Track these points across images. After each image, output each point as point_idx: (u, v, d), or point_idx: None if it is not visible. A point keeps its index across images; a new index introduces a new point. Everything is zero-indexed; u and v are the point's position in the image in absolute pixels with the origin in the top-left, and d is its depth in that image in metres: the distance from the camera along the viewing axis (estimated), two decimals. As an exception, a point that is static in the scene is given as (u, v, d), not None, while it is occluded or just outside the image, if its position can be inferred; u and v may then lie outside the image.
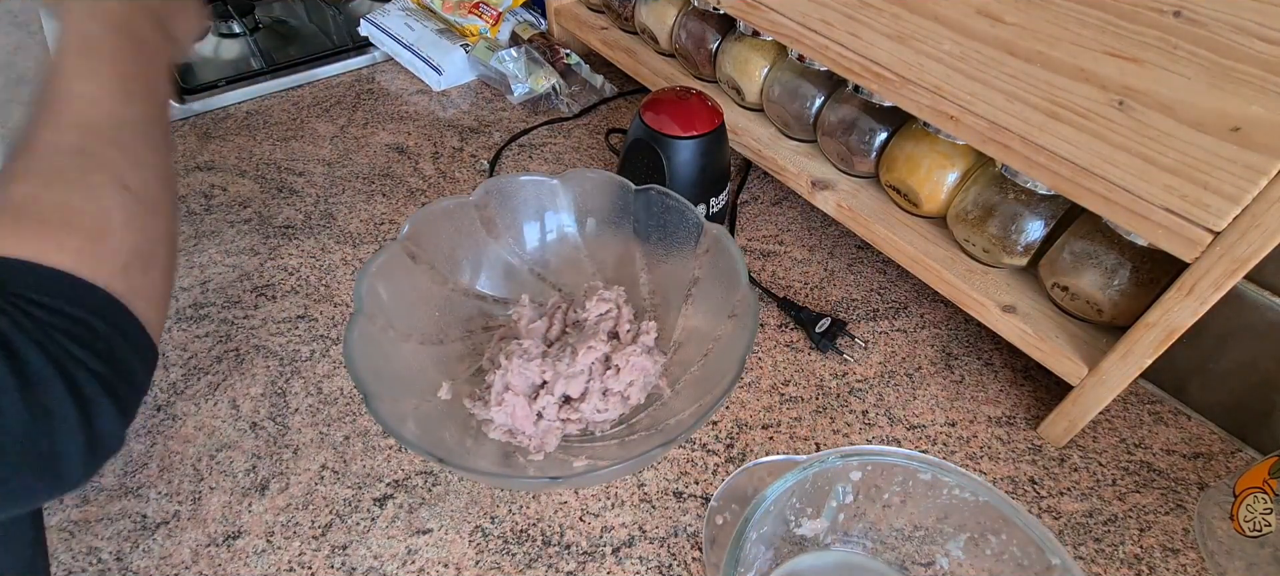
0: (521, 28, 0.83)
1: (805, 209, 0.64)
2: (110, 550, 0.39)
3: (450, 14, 0.83)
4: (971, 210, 0.46)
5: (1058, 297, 0.45)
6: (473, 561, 0.39)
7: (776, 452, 0.45)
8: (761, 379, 0.50)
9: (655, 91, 0.56)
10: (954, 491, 0.33)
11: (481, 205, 0.49)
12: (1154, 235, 0.36)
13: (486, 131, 0.73)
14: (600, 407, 0.43)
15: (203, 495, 0.42)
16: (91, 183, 0.29)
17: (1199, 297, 0.35)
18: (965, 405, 0.48)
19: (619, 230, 0.51)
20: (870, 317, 0.54)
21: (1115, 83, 0.34)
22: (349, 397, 0.47)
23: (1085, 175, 0.37)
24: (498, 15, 0.82)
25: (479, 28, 0.81)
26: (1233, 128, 0.31)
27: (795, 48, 0.53)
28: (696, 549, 0.40)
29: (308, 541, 0.40)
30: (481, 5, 0.82)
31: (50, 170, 0.29)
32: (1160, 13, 0.31)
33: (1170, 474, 0.44)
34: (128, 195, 0.30)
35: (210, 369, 0.49)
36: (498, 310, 0.50)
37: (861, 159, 0.53)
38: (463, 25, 0.82)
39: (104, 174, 0.30)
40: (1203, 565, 0.40)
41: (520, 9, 0.86)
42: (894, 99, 0.46)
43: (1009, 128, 0.40)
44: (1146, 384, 0.50)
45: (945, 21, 0.40)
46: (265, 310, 0.53)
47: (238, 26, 0.84)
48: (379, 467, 0.44)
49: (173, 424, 0.45)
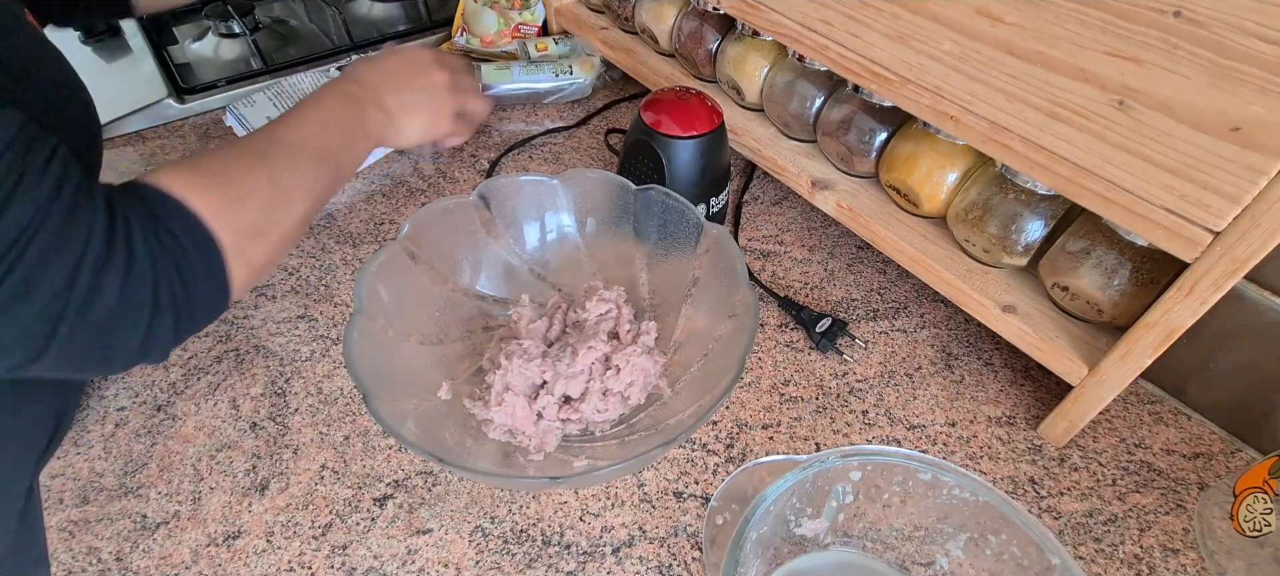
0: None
1: (805, 209, 0.64)
2: (110, 550, 0.39)
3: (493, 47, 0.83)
4: (971, 210, 0.46)
5: (1058, 298, 0.45)
6: (473, 561, 0.39)
7: (776, 452, 0.45)
8: (761, 379, 0.50)
9: (655, 91, 0.56)
10: (954, 491, 0.33)
11: (481, 205, 0.49)
12: (1154, 235, 0.36)
13: (486, 131, 0.73)
14: (600, 408, 0.43)
15: (203, 495, 0.42)
16: (253, 168, 0.38)
17: (1199, 298, 0.35)
18: (965, 405, 0.48)
19: (619, 230, 0.51)
20: (870, 317, 0.54)
21: (1115, 83, 0.34)
22: (349, 397, 0.47)
23: (1085, 175, 0.37)
24: (537, 29, 0.84)
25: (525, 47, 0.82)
26: (1233, 128, 0.31)
27: (795, 48, 0.53)
28: (696, 549, 0.40)
29: (308, 541, 0.40)
30: (521, 27, 0.84)
31: (236, 153, 0.39)
32: (1160, 13, 0.31)
33: (1170, 474, 0.44)
34: (273, 187, 0.39)
35: (210, 369, 0.49)
36: (498, 310, 0.50)
37: (861, 159, 0.53)
38: (512, 50, 0.83)
39: (266, 167, 0.39)
40: (1203, 565, 0.40)
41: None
42: (894, 99, 0.46)
43: (1009, 128, 0.40)
44: (1146, 384, 0.50)
45: (945, 21, 0.40)
46: (265, 310, 0.53)
47: (238, 26, 0.84)
48: (379, 467, 0.44)
49: (173, 424, 0.45)
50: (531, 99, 0.76)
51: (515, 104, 0.76)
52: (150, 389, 0.47)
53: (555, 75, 0.75)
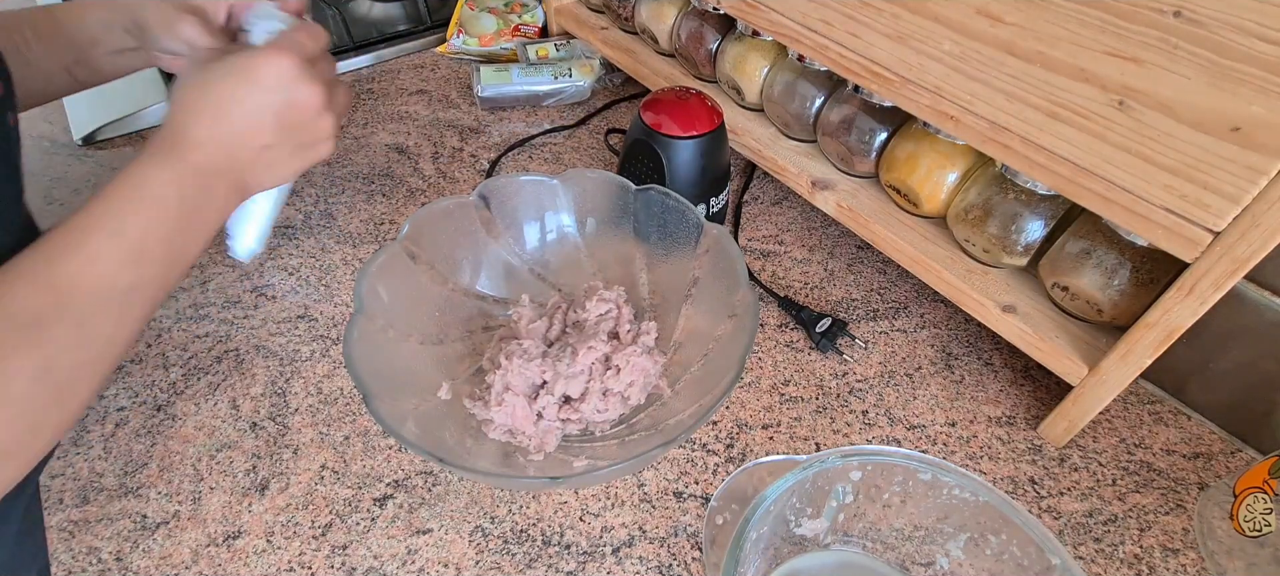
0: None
1: (805, 209, 0.64)
2: (110, 550, 0.39)
3: (492, 46, 0.83)
4: (971, 210, 0.46)
5: (1058, 298, 0.45)
6: (473, 561, 0.39)
7: (776, 452, 0.45)
8: (761, 379, 0.50)
9: (655, 91, 0.56)
10: (954, 491, 0.33)
11: (481, 205, 0.49)
12: (1154, 235, 0.36)
13: (486, 131, 0.73)
14: (600, 408, 0.43)
15: (203, 495, 0.42)
16: (12, 356, 0.26)
17: (1199, 298, 0.35)
18: (965, 405, 0.48)
19: (619, 230, 0.51)
20: (870, 317, 0.54)
21: (1115, 83, 0.34)
22: (349, 397, 0.47)
23: (1085, 175, 0.37)
24: (536, 30, 0.84)
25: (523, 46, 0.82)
26: (1233, 128, 0.31)
27: (795, 48, 0.53)
28: (696, 549, 0.40)
29: (308, 541, 0.40)
30: (521, 27, 0.84)
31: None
32: (1160, 13, 0.31)
33: (1170, 474, 0.44)
34: (42, 382, 0.27)
35: (210, 369, 0.49)
36: (498, 310, 0.50)
37: (861, 159, 0.53)
38: (511, 49, 0.83)
39: (36, 354, 0.27)
40: (1203, 565, 0.40)
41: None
42: (894, 99, 0.46)
43: (1009, 128, 0.40)
44: (1146, 384, 0.50)
45: (945, 21, 0.40)
46: (265, 310, 0.53)
47: (238, 26, 0.84)
48: (379, 467, 0.44)
49: (173, 424, 0.45)
50: (530, 101, 0.76)
51: (514, 106, 0.76)
52: (150, 389, 0.47)
53: (554, 78, 0.75)
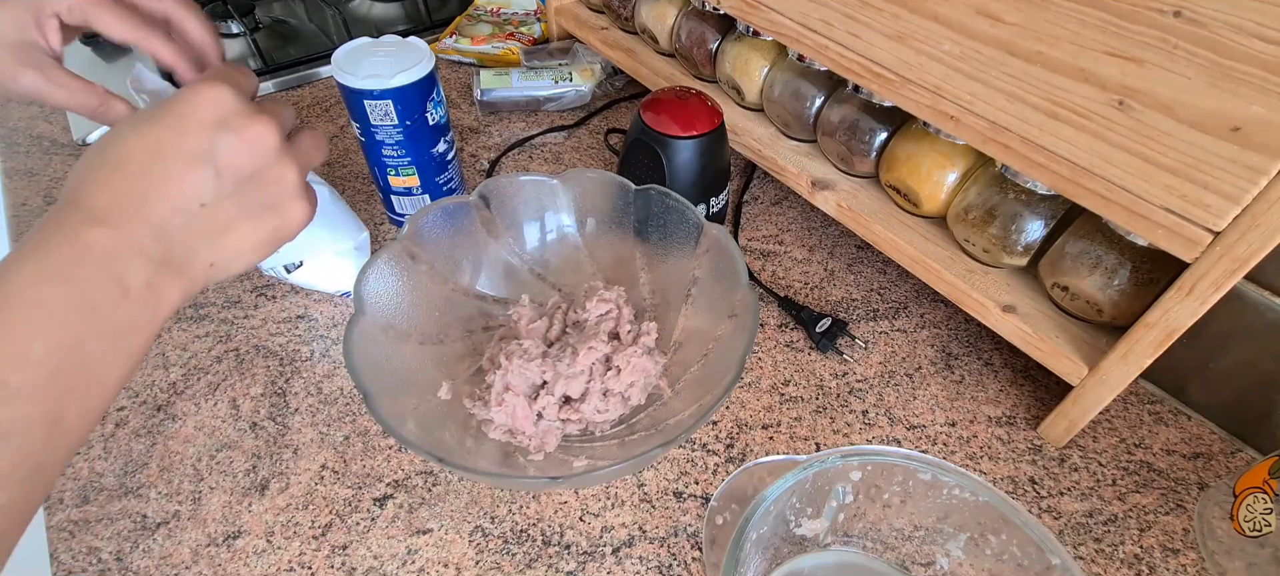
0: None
1: (805, 209, 0.64)
2: (110, 550, 0.39)
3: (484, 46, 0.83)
4: (971, 210, 0.46)
5: (1058, 297, 0.45)
6: (473, 561, 0.39)
7: (776, 452, 0.45)
8: (761, 379, 0.50)
9: (655, 91, 0.56)
10: (954, 491, 0.33)
11: (481, 205, 0.49)
12: (1154, 235, 0.36)
13: (486, 132, 0.73)
14: (600, 408, 0.43)
15: (203, 495, 0.42)
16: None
17: (1199, 297, 0.35)
18: (965, 405, 0.48)
19: (619, 230, 0.51)
20: (870, 317, 0.54)
21: (1115, 83, 0.34)
22: (349, 397, 0.47)
23: (1085, 175, 0.37)
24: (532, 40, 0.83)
25: (517, 50, 0.81)
26: (1233, 128, 0.31)
27: (795, 48, 0.53)
28: (696, 549, 0.40)
29: (308, 541, 0.40)
30: (515, 33, 0.83)
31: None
32: (1160, 13, 0.31)
33: (1170, 474, 0.44)
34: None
35: (210, 369, 0.49)
36: (498, 310, 0.50)
37: (861, 159, 0.53)
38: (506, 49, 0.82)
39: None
40: (1203, 565, 0.40)
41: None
42: (894, 99, 0.46)
43: (1009, 128, 0.40)
44: (1146, 384, 0.50)
45: (945, 21, 0.40)
46: (265, 310, 0.53)
47: (237, 26, 0.84)
48: (379, 467, 0.44)
49: (173, 424, 0.45)
50: (530, 105, 0.76)
51: (514, 110, 0.76)
52: (150, 389, 0.47)
53: (555, 82, 0.74)
